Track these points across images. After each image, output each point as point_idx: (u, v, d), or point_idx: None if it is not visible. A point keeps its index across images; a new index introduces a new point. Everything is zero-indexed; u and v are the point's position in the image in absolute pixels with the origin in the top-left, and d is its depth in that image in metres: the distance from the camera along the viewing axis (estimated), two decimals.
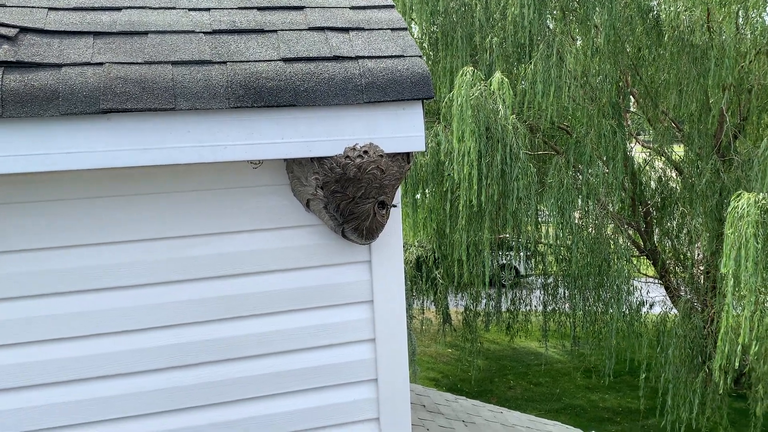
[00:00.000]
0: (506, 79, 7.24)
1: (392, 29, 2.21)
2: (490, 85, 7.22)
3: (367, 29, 2.19)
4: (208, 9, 2.16)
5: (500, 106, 7.15)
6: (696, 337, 8.25)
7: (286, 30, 2.12)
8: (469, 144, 6.96)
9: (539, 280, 11.65)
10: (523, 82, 8.32)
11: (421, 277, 11.18)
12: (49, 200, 1.98)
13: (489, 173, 7.28)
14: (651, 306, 10.45)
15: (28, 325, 2.02)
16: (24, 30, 1.90)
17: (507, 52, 8.51)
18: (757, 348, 5.94)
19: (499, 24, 8.67)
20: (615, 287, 8.69)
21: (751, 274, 5.68)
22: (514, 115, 7.40)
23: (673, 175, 10.15)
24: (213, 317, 2.17)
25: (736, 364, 6.17)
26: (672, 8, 7.76)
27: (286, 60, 2.00)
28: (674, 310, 9.46)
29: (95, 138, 1.80)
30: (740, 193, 5.99)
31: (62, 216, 2.00)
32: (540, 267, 11.47)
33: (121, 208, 2.05)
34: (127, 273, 2.08)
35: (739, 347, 5.99)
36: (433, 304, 11.74)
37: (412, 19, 8.95)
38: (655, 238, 10.23)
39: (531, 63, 7.86)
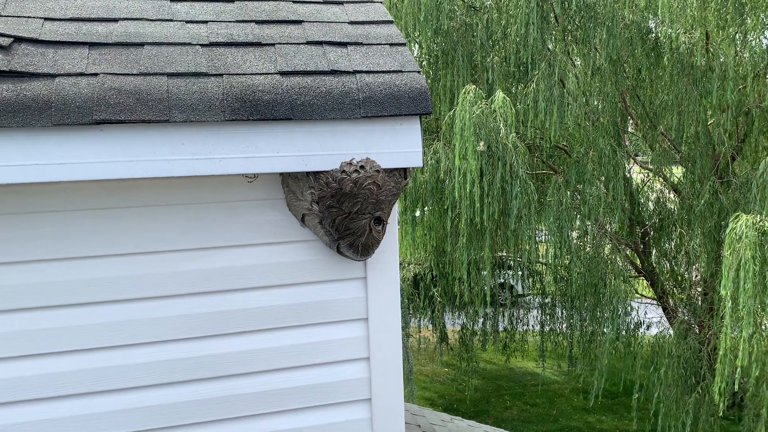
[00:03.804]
0: (507, 98, 7.25)
1: (391, 44, 2.20)
2: (491, 104, 7.23)
3: (366, 44, 2.17)
4: (206, 21, 2.15)
5: (501, 125, 7.15)
6: (690, 358, 8.20)
7: (283, 43, 2.11)
8: (471, 162, 6.95)
9: (536, 300, 11.59)
10: (521, 102, 8.33)
11: (419, 295, 11.11)
12: (40, 212, 1.95)
13: (490, 191, 7.26)
14: (648, 327, 10.40)
15: (14, 339, 1.97)
16: (18, 39, 1.88)
17: (507, 71, 8.53)
18: (757, 371, 5.89)
19: (500, 43, 8.70)
20: (612, 307, 8.63)
21: (750, 296, 5.65)
22: (514, 134, 7.41)
23: (671, 196, 10.15)
24: (204, 333, 2.13)
25: (736, 386, 6.11)
26: (671, 30, 7.80)
27: (283, 73, 1.98)
28: (671, 331, 9.41)
29: (88, 149, 1.78)
30: (738, 215, 5.97)
31: (52, 228, 1.97)
32: (537, 286, 11.42)
33: (113, 220, 2.02)
34: (117, 287, 2.04)
35: (739, 370, 5.94)
36: (430, 322, 11.67)
37: (414, 38, 8.98)
38: (653, 258, 10.21)
39: (533, 82, 7.87)
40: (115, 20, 2.07)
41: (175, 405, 2.14)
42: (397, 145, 2.03)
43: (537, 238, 9.02)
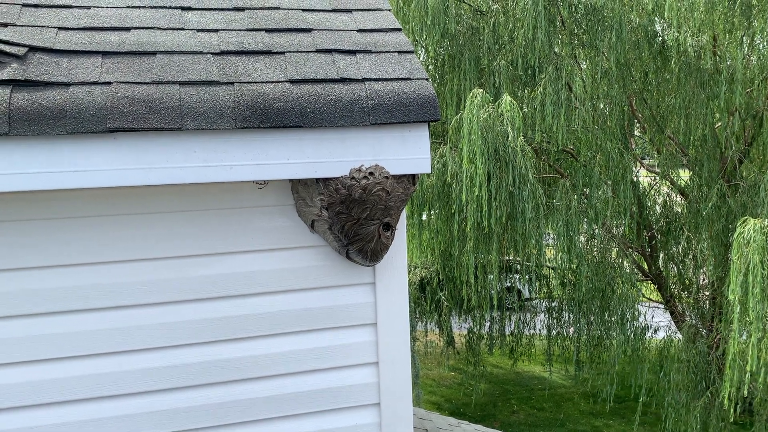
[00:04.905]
0: (515, 102, 7.26)
1: (399, 52, 2.22)
2: (498, 108, 7.24)
3: (374, 52, 2.20)
4: (217, 30, 2.18)
5: (509, 128, 7.15)
6: (700, 363, 8.16)
7: (293, 52, 2.13)
8: (479, 166, 6.95)
9: (543, 304, 11.57)
10: (527, 106, 8.33)
11: (425, 298, 11.12)
12: (53, 218, 1.98)
13: (497, 195, 7.26)
14: (656, 331, 10.37)
15: (25, 344, 2.00)
16: (33, 49, 1.91)
17: (514, 75, 8.54)
18: (765, 376, 5.86)
19: (507, 47, 8.71)
20: (619, 312, 8.61)
21: (758, 301, 5.62)
22: (522, 137, 7.40)
23: (678, 199, 10.12)
24: (215, 338, 2.15)
25: (745, 391, 6.08)
26: (678, 34, 7.80)
27: (293, 81, 2.01)
28: (679, 335, 9.38)
29: (101, 157, 1.81)
30: (746, 219, 5.95)
31: (65, 234, 1.99)
32: (544, 290, 11.40)
33: (125, 227, 2.04)
34: (128, 293, 2.07)
35: (748, 375, 5.91)
36: (436, 326, 11.66)
37: (421, 42, 9.00)
38: (660, 262, 10.17)
39: (540, 86, 7.88)
40: (128, 29, 2.10)
41: (186, 409, 2.16)
42: (406, 152, 2.05)
43: (545, 242, 9.01)
